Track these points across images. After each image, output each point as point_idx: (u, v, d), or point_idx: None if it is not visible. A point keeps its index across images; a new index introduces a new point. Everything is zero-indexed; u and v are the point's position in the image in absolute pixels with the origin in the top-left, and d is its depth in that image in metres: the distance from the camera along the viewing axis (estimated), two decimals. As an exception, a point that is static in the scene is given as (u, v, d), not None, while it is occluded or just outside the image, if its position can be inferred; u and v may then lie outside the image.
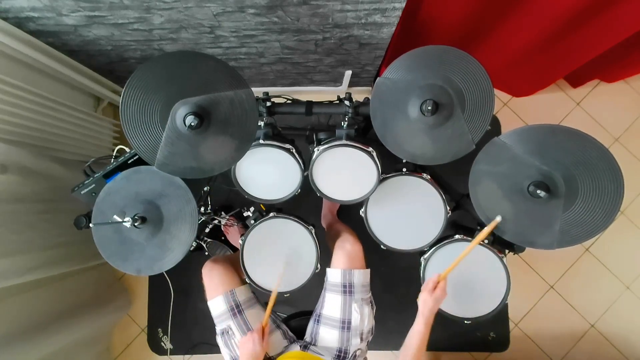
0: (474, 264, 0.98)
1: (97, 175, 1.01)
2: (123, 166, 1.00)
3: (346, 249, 1.03)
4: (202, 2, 0.97)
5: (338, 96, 1.17)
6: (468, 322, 0.98)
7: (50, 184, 1.27)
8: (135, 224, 0.87)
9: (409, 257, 1.08)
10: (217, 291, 1.02)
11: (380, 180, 0.98)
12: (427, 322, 0.87)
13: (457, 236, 1.01)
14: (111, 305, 1.64)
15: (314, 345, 1.00)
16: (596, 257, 1.75)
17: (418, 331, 0.87)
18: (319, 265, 1.03)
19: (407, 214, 1.05)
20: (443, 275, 0.88)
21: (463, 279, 0.99)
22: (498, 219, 0.86)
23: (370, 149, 0.98)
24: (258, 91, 1.05)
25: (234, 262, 1.12)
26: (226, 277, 1.05)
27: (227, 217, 1.37)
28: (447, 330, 1.69)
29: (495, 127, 1.75)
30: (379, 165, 0.97)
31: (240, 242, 1.03)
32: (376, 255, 1.07)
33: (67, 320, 1.38)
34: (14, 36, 1.05)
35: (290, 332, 1.07)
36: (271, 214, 1.04)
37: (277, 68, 1.44)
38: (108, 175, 1.00)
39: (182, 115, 0.79)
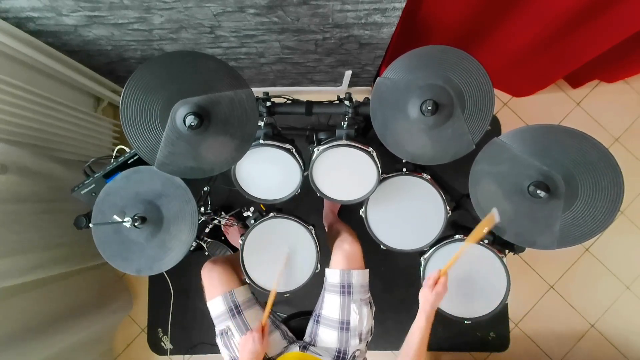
0: (474, 263, 0.98)
1: (97, 175, 1.01)
2: (123, 166, 1.00)
3: (344, 249, 1.03)
4: (202, 2, 0.97)
5: (338, 96, 1.17)
6: (468, 322, 0.98)
7: (50, 184, 1.27)
8: (135, 224, 0.87)
9: (409, 257, 1.08)
10: (216, 292, 1.02)
11: (380, 180, 0.98)
12: (429, 317, 0.87)
13: (457, 236, 1.01)
14: (112, 305, 1.64)
15: (313, 345, 1.00)
16: (596, 257, 1.74)
17: (419, 327, 0.87)
18: (318, 265, 1.03)
19: (407, 214, 1.05)
20: (443, 271, 0.89)
21: (463, 279, 0.99)
22: (494, 211, 0.84)
23: (370, 149, 0.98)
24: (258, 91, 1.05)
25: (234, 263, 1.12)
26: (225, 277, 1.05)
27: (227, 217, 1.37)
28: (447, 330, 1.70)
29: (495, 127, 1.75)
30: (379, 165, 0.97)
31: (240, 242, 1.03)
32: (376, 255, 1.07)
33: (68, 320, 1.38)
34: (14, 36, 1.05)
35: (289, 333, 1.07)
36: (271, 214, 1.04)
37: (277, 68, 1.44)
38: (108, 175, 1.00)
39: (182, 115, 0.79)
